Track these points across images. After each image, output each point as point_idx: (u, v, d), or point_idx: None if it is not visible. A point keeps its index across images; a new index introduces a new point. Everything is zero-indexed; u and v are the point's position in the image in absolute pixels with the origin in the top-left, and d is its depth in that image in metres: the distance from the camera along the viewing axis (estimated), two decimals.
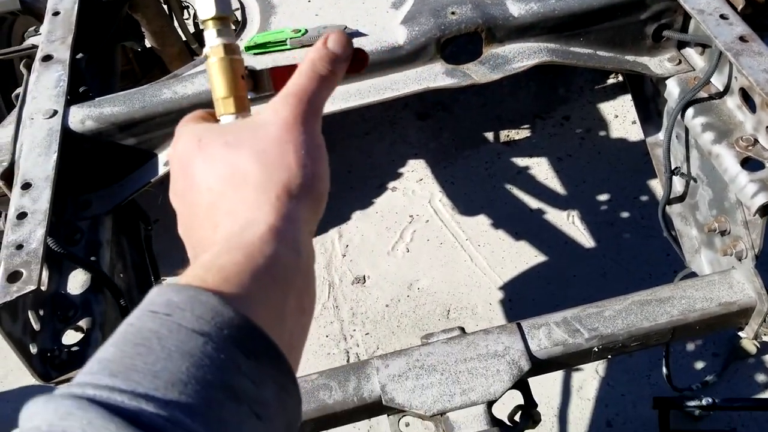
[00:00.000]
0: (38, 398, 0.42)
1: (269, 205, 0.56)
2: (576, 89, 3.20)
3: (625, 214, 2.70)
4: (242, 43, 1.53)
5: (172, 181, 0.64)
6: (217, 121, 0.65)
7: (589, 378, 2.27)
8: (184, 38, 2.45)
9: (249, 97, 0.67)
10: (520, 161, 2.95)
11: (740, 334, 1.47)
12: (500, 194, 2.85)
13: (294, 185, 0.57)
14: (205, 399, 0.43)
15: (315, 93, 0.62)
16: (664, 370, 2.03)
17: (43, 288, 1.34)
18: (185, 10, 2.57)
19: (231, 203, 0.57)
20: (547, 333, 1.37)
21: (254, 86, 0.68)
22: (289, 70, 0.69)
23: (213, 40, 0.66)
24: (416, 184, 2.95)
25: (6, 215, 1.36)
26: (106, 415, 0.39)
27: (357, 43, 1.46)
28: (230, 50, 0.66)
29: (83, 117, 1.44)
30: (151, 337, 0.44)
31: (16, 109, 1.52)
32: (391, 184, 2.97)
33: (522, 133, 3.06)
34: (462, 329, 1.42)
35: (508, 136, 3.06)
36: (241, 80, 0.66)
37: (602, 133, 3.01)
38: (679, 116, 1.49)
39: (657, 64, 1.56)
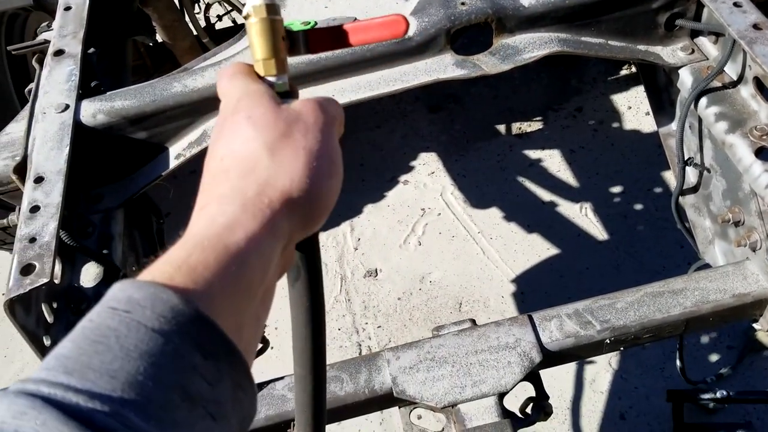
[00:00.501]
0: None
1: (259, 211, 0.55)
2: (589, 80, 3.17)
3: (638, 206, 2.68)
4: None
5: (216, 120, 0.65)
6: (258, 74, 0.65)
7: (602, 370, 2.26)
8: (195, 32, 2.46)
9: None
10: (533, 153, 2.93)
11: (755, 326, 1.46)
12: (512, 187, 2.83)
13: (291, 197, 0.57)
14: (161, 401, 0.43)
15: (335, 115, 0.63)
16: (678, 362, 2.02)
17: (56, 281, 1.35)
18: (196, 4, 2.58)
19: (227, 187, 0.57)
20: (559, 325, 1.36)
21: (289, 48, 0.67)
22: (326, 32, 0.68)
23: (255, 0, 0.64)
24: (428, 177, 2.95)
25: (19, 209, 1.38)
26: (61, 417, 0.39)
27: None
28: (272, 11, 0.64)
29: (95, 111, 1.45)
30: (110, 334, 0.44)
31: (29, 104, 1.53)
32: (402, 177, 2.96)
33: (534, 125, 3.05)
34: (473, 321, 1.42)
35: (520, 128, 3.05)
36: (282, 41, 0.65)
37: (615, 125, 2.98)
38: (692, 106, 1.47)
39: (670, 53, 1.54)
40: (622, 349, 1.41)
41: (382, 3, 1.54)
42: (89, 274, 1.41)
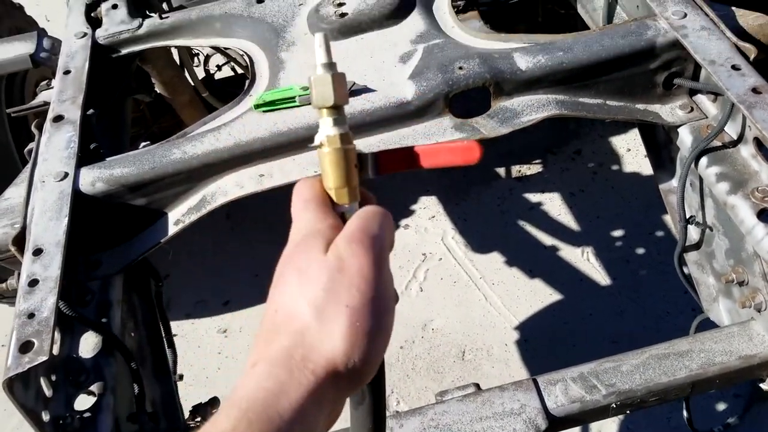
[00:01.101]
0: None
1: (303, 378, 0.55)
2: (587, 123, 3.18)
3: (640, 251, 2.67)
4: (251, 99, 1.53)
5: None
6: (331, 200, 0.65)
7: (608, 421, 2.23)
8: (193, 85, 2.47)
9: None
10: (533, 197, 2.93)
11: (762, 386, 1.44)
12: (513, 231, 2.83)
13: (335, 363, 0.57)
14: None
15: (374, 232, 0.62)
16: (685, 413, 1.99)
17: (55, 353, 1.34)
18: (195, 57, 2.60)
19: (276, 348, 0.57)
20: (564, 389, 1.34)
21: (359, 170, 0.67)
22: (397, 154, 0.68)
23: (329, 129, 0.65)
24: (428, 221, 2.94)
25: (18, 273, 1.37)
26: None
27: (365, 98, 1.46)
28: (346, 140, 0.65)
29: (94, 179, 1.44)
30: None
31: (29, 169, 1.53)
32: (403, 222, 2.96)
33: (534, 168, 3.05)
34: (477, 386, 1.40)
35: (519, 171, 3.05)
36: (354, 169, 0.66)
37: (615, 167, 2.99)
38: (692, 165, 1.47)
39: (668, 111, 1.54)
40: (627, 412, 1.39)
41: (379, 66, 1.55)
42: (88, 343, 1.40)
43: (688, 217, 1.53)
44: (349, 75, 1.52)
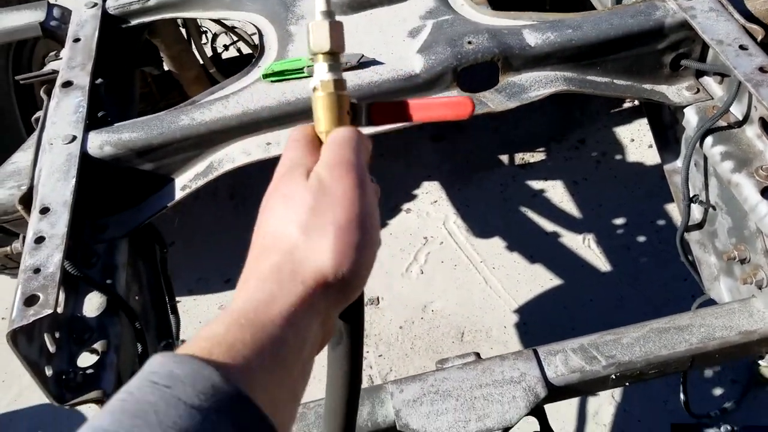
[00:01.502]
0: None
1: (293, 287, 0.57)
2: (592, 112, 3.19)
3: (641, 239, 2.68)
4: (260, 70, 1.54)
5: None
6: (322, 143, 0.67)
7: (605, 403, 2.25)
8: (201, 62, 2.48)
9: None
10: (536, 184, 2.94)
11: (761, 362, 1.45)
12: (515, 217, 2.84)
13: (324, 275, 0.58)
14: None
15: (354, 157, 0.63)
16: (682, 396, 2.00)
17: (60, 310, 1.35)
18: (203, 35, 2.60)
19: (267, 265, 0.59)
20: (564, 360, 1.36)
21: (352, 119, 0.69)
22: (388, 106, 0.69)
23: (323, 74, 0.67)
24: (431, 206, 2.95)
25: (23, 237, 1.38)
26: None
27: (374, 70, 1.47)
28: (339, 86, 0.67)
29: (102, 142, 1.45)
30: (149, 410, 0.44)
31: (36, 134, 1.54)
32: (405, 206, 2.97)
33: (537, 156, 3.06)
34: (477, 355, 1.41)
35: (523, 158, 3.06)
36: (346, 115, 0.67)
37: (618, 157, 2.99)
38: (697, 145, 1.48)
39: (675, 92, 1.55)
40: (627, 384, 1.40)
41: (389, 40, 1.56)
42: (92, 304, 1.41)
43: (691, 196, 1.55)
44: (358, 48, 1.53)
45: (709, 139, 1.46)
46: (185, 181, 1.48)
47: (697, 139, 1.46)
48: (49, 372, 1.26)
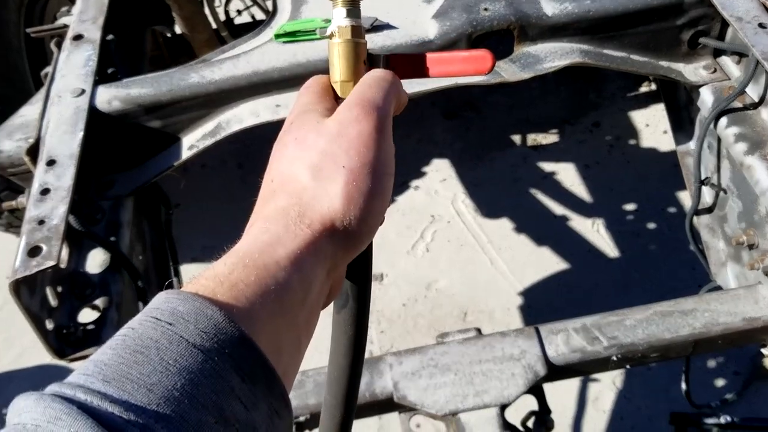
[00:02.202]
0: (29, 395, 0.41)
1: (299, 230, 0.55)
2: (607, 95, 3.15)
3: (651, 225, 2.65)
4: (272, 30, 1.52)
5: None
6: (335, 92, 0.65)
7: (605, 389, 2.23)
8: (214, 25, 2.46)
9: None
10: (547, 166, 2.91)
11: (763, 351, 1.44)
12: (525, 199, 2.82)
13: (332, 219, 0.56)
14: (195, 420, 0.42)
15: (375, 98, 0.60)
16: (683, 385, 1.99)
17: (62, 265, 1.34)
18: None
19: (273, 208, 0.57)
20: (566, 339, 1.34)
21: (368, 70, 0.66)
22: (407, 59, 0.67)
23: (341, 20, 0.63)
24: (440, 183, 2.93)
25: (29, 191, 1.37)
26: (94, 427, 0.39)
27: (387, 35, 1.45)
28: (357, 33, 0.64)
29: (110, 97, 1.44)
30: (151, 345, 0.43)
31: (45, 87, 1.53)
32: (414, 183, 2.95)
33: (550, 138, 3.03)
34: (478, 330, 1.41)
35: (535, 140, 3.03)
36: (363, 65, 0.64)
37: (632, 142, 2.96)
38: (711, 126, 1.45)
39: (692, 71, 1.52)
40: (628, 366, 1.39)
41: (403, 4, 1.53)
42: (96, 260, 1.41)
43: (703, 178, 1.52)
44: (373, 12, 1.51)
45: (723, 120, 1.43)
46: (192, 141, 1.47)
47: (711, 120, 1.43)
48: (50, 325, 1.26)
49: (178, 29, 2.40)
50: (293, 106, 0.64)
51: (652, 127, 3.00)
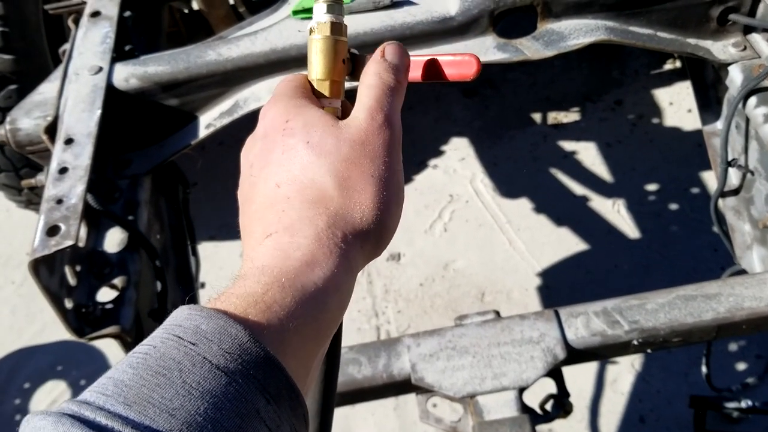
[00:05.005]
0: (46, 415, 0.40)
1: (333, 245, 0.53)
2: (630, 73, 3.09)
3: (673, 206, 2.61)
4: (289, 6, 1.50)
5: (252, 140, 0.61)
6: (312, 89, 0.62)
7: (624, 371, 2.22)
8: (231, 1, 2.44)
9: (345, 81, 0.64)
10: (567, 145, 2.87)
11: None
12: (544, 178, 2.78)
13: (363, 230, 0.55)
14: None
15: (393, 105, 0.59)
16: (704, 368, 1.97)
17: (81, 244, 1.35)
18: None
19: (294, 216, 0.54)
20: (585, 322, 1.33)
21: (352, 71, 0.64)
22: None
23: (321, 16, 0.62)
24: (458, 162, 2.91)
25: (47, 169, 1.37)
26: None
27: (407, 11, 1.42)
28: (337, 30, 0.62)
29: (128, 75, 1.43)
30: (173, 367, 0.42)
31: (63, 65, 1.52)
32: (432, 162, 2.92)
33: (571, 116, 2.98)
34: (497, 313, 1.39)
35: (556, 118, 2.99)
36: (341, 64, 0.62)
37: (655, 121, 2.91)
38: (740, 105, 1.42)
39: (720, 49, 1.48)
40: (648, 351, 1.37)
41: None
42: (114, 239, 1.41)
43: (729, 159, 1.49)
44: None
45: (752, 100, 1.40)
46: (210, 119, 1.46)
47: (740, 99, 1.40)
48: (69, 305, 1.26)
49: (195, 5, 2.38)
50: (275, 101, 0.61)
51: (676, 105, 2.95)
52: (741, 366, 2.20)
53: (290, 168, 0.56)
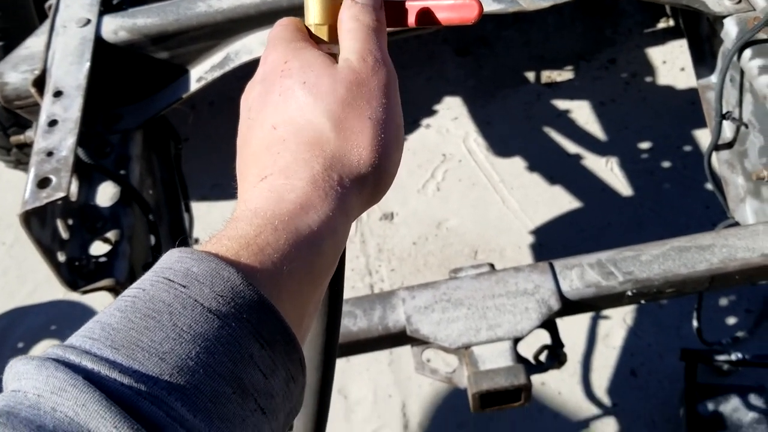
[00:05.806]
0: (29, 359, 0.38)
1: (329, 188, 0.51)
2: (624, 31, 3.07)
3: (666, 164, 2.61)
4: None
5: (251, 85, 0.60)
6: (310, 35, 0.60)
7: (616, 326, 2.24)
8: None
9: None
10: (561, 104, 2.86)
11: None
12: (538, 137, 2.77)
13: (360, 173, 0.53)
14: (211, 392, 0.39)
15: (380, 46, 0.57)
16: (695, 322, 1.99)
17: (73, 198, 1.34)
18: None
19: (289, 159, 0.53)
20: (580, 274, 1.33)
21: None
22: (387, 6, 0.63)
23: None
24: (451, 122, 2.89)
25: (36, 125, 1.35)
26: (103, 401, 0.36)
27: None
28: None
29: (116, 27, 1.41)
30: (163, 310, 0.41)
31: (49, 19, 1.50)
32: (425, 121, 2.91)
33: (564, 75, 2.96)
34: (492, 265, 1.40)
35: (549, 77, 2.97)
36: (339, 9, 0.60)
37: (649, 79, 2.90)
38: (735, 58, 1.41)
39: (715, 1, 1.47)
40: (642, 302, 1.38)
41: None
42: (106, 194, 1.40)
43: (724, 112, 1.48)
44: None
45: (747, 52, 1.39)
46: (201, 73, 1.44)
47: (734, 52, 1.39)
48: (61, 258, 1.26)
49: None
50: (274, 44, 0.59)
51: (669, 63, 2.93)
52: (731, 320, 2.23)
53: (287, 109, 0.54)
